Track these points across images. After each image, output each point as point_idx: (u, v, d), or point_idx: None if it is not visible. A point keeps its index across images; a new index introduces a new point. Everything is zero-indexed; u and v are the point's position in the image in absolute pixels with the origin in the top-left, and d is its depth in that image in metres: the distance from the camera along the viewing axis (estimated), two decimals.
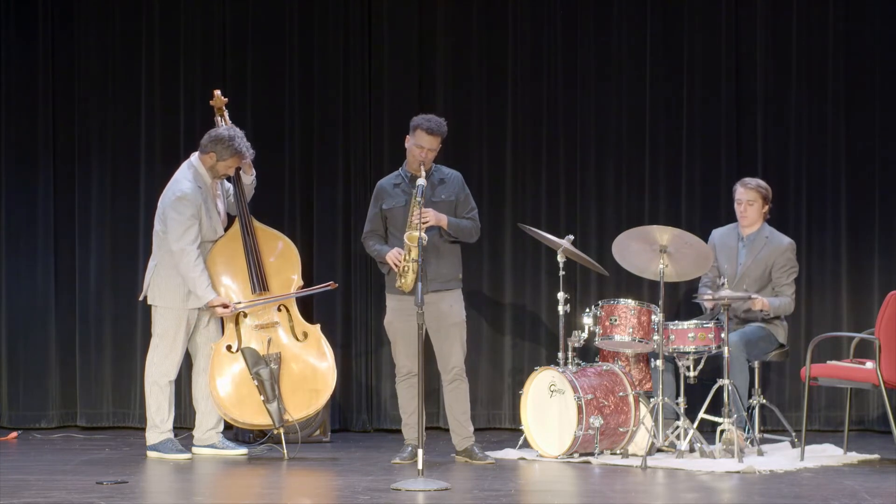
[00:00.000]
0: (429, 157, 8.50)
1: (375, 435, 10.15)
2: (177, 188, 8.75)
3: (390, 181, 8.65)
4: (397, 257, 8.44)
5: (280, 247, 9.04)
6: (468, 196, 8.66)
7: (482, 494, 7.42)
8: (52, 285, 10.35)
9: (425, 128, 8.47)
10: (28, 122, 10.40)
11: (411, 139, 8.52)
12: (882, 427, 9.87)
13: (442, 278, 8.53)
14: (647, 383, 9.02)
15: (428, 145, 8.47)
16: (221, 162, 8.77)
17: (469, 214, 8.62)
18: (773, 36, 10.18)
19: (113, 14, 10.39)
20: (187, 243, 8.68)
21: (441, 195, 8.54)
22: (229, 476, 8.31)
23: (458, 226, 8.53)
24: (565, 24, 10.28)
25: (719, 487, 7.76)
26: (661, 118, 10.25)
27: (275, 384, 8.73)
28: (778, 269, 9.15)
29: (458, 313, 8.60)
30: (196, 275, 8.67)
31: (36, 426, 10.29)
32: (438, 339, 8.60)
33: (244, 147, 8.81)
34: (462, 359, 8.62)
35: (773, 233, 9.27)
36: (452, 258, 8.61)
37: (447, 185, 8.60)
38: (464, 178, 8.71)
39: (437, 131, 8.48)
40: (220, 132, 8.80)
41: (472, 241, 8.74)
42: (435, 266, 8.48)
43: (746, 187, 9.24)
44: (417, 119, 8.53)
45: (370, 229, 8.67)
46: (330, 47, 10.35)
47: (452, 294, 8.58)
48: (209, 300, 8.69)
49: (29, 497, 7.24)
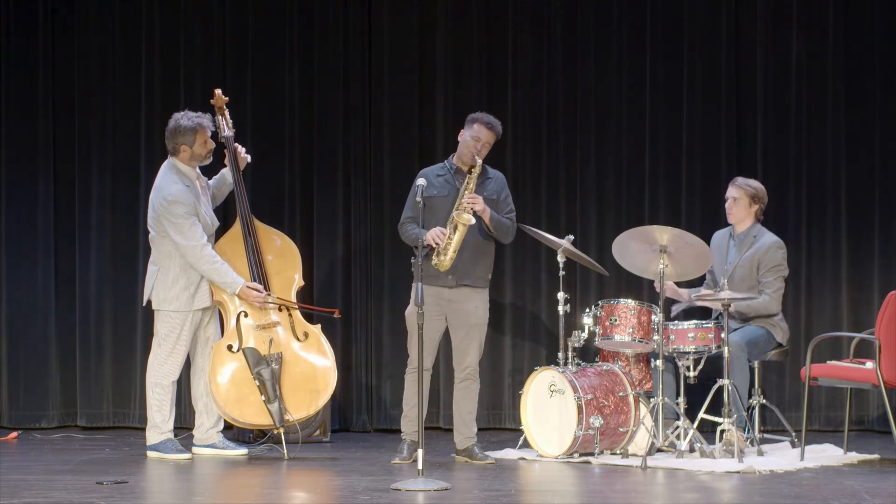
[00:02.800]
0: (482, 151, 8.63)
1: (375, 435, 10.15)
2: (165, 192, 8.74)
3: (434, 171, 8.74)
4: (439, 235, 8.49)
5: (281, 246, 9.04)
6: (508, 196, 8.79)
7: (482, 494, 7.42)
8: (52, 285, 10.36)
9: (485, 122, 8.68)
10: (28, 122, 10.40)
11: (467, 132, 8.68)
12: (882, 427, 9.87)
13: (474, 275, 8.63)
14: (647, 383, 9.02)
15: (485, 139, 8.65)
16: (194, 146, 8.79)
17: (508, 215, 8.72)
18: (773, 36, 10.18)
19: (113, 14, 10.39)
20: (197, 239, 8.69)
21: (483, 192, 8.64)
22: (229, 476, 8.31)
23: (498, 221, 8.64)
24: (565, 24, 10.29)
25: (719, 487, 7.76)
26: (661, 118, 10.25)
27: (276, 384, 8.73)
28: (763, 267, 9.14)
29: (482, 315, 8.68)
30: (218, 266, 8.70)
31: (36, 426, 10.29)
32: (458, 336, 8.64)
33: (196, 120, 8.81)
34: (477, 359, 8.67)
35: (761, 232, 9.26)
36: (486, 257, 8.71)
37: (492, 182, 8.72)
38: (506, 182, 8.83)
39: (495, 128, 8.70)
40: (168, 129, 8.85)
41: (507, 241, 8.84)
42: (470, 262, 8.57)
43: (734, 185, 9.28)
44: (478, 114, 8.74)
45: (410, 216, 8.69)
46: (330, 47, 10.35)
47: (481, 294, 8.67)
48: (242, 284, 8.70)
49: (29, 497, 7.24)
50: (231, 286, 8.72)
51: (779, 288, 9.15)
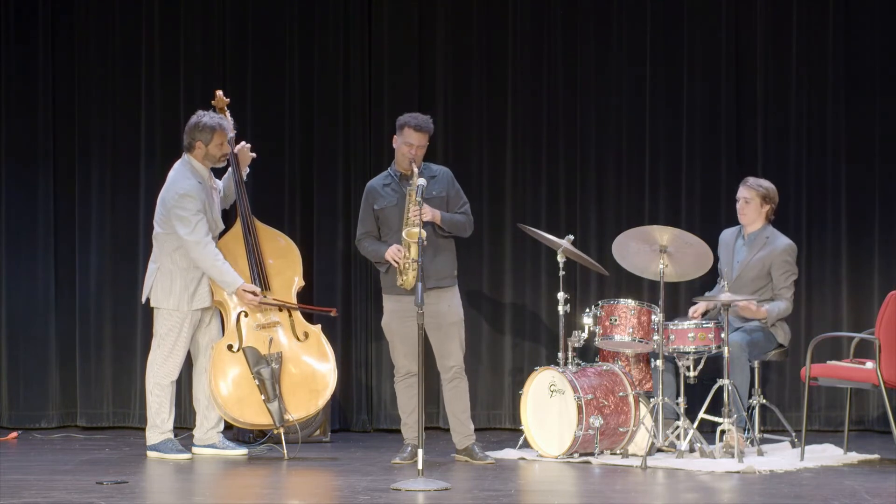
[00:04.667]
0: (418, 155, 8.51)
1: (375, 435, 10.15)
2: (178, 187, 8.75)
3: (380, 182, 8.66)
4: (397, 254, 8.44)
5: (282, 246, 9.04)
6: (459, 191, 8.68)
7: (482, 494, 7.42)
8: (52, 285, 10.35)
9: (413, 125, 8.52)
10: (28, 123, 10.40)
11: (399, 138, 8.56)
12: (882, 427, 9.87)
13: (438, 275, 8.53)
14: (647, 383, 9.02)
15: (417, 142, 8.50)
16: (210, 145, 8.80)
17: (462, 209, 8.64)
18: (773, 36, 10.17)
19: (113, 14, 10.38)
20: (202, 235, 8.68)
21: (432, 192, 8.54)
22: (229, 476, 8.31)
23: (451, 220, 8.55)
24: (565, 24, 10.28)
25: (719, 487, 7.76)
26: (661, 118, 10.25)
27: (276, 384, 8.73)
28: (776, 270, 9.14)
29: (456, 312, 8.61)
30: (220, 264, 8.68)
31: (36, 426, 10.28)
32: (437, 338, 8.60)
33: (217, 120, 8.82)
34: (461, 357, 8.63)
35: (774, 233, 9.26)
36: (448, 255, 8.61)
37: (437, 181, 8.61)
38: (453, 176, 8.71)
39: (424, 128, 8.53)
40: (189, 124, 8.85)
41: (466, 235, 8.74)
42: (431, 263, 8.46)
43: (745, 185, 9.26)
44: (404, 118, 8.58)
45: (364, 231, 8.66)
46: (330, 47, 10.35)
47: (449, 292, 8.59)
48: (240, 285, 8.69)
49: (29, 497, 7.24)
50: (229, 285, 8.71)
51: (793, 291, 9.16)
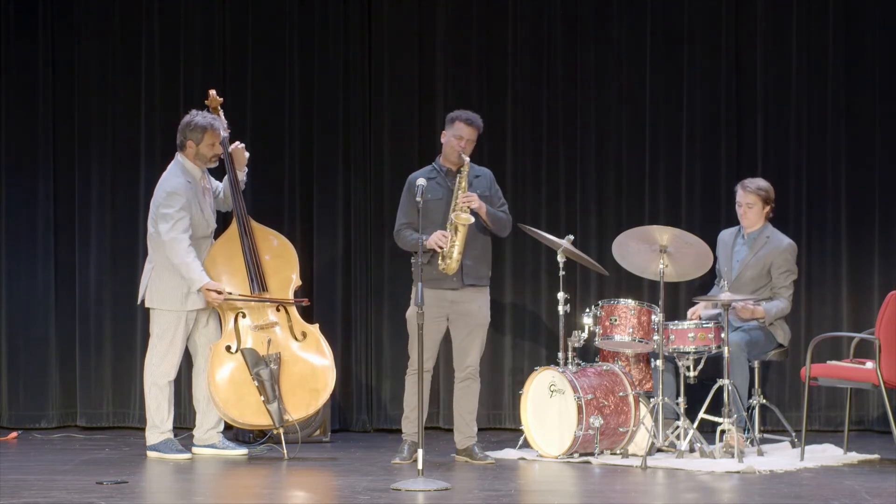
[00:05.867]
0: (467, 148, 8.63)
1: (375, 435, 10.15)
2: (166, 185, 8.79)
3: (424, 174, 8.71)
4: (441, 240, 8.49)
5: (277, 245, 9.04)
6: (498, 191, 8.82)
7: (482, 494, 7.42)
8: (52, 285, 10.35)
9: (464, 119, 8.66)
10: (28, 122, 10.40)
11: (449, 132, 8.67)
12: (882, 427, 9.86)
13: (478, 274, 8.65)
14: (647, 383, 9.02)
15: (467, 136, 8.63)
16: (201, 145, 8.81)
17: (502, 208, 8.75)
18: (773, 36, 10.17)
19: (113, 14, 10.39)
20: (179, 232, 8.68)
21: (476, 190, 8.65)
22: (229, 476, 8.31)
23: (495, 216, 8.67)
24: (565, 24, 10.28)
25: (719, 487, 7.76)
26: (661, 119, 10.25)
27: (275, 384, 8.73)
28: (776, 270, 9.14)
29: (485, 315, 8.70)
30: (189, 260, 8.68)
31: (36, 426, 10.28)
32: (460, 335, 8.65)
33: (209, 120, 8.83)
34: (478, 359, 8.68)
35: (774, 233, 9.26)
36: (486, 254, 8.74)
37: (481, 180, 8.74)
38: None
39: (475, 123, 8.69)
40: (182, 123, 8.88)
41: (505, 234, 8.86)
42: (473, 261, 8.59)
43: (746, 190, 9.24)
44: (456, 112, 8.73)
45: (406, 221, 8.68)
46: (330, 48, 10.35)
47: (483, 292, 8.69)
48: (203, 284, 8.69)
49: (29, 497, 7.24)
50: (194, 283, 8.69)
51: (793, 290, 9.17)
